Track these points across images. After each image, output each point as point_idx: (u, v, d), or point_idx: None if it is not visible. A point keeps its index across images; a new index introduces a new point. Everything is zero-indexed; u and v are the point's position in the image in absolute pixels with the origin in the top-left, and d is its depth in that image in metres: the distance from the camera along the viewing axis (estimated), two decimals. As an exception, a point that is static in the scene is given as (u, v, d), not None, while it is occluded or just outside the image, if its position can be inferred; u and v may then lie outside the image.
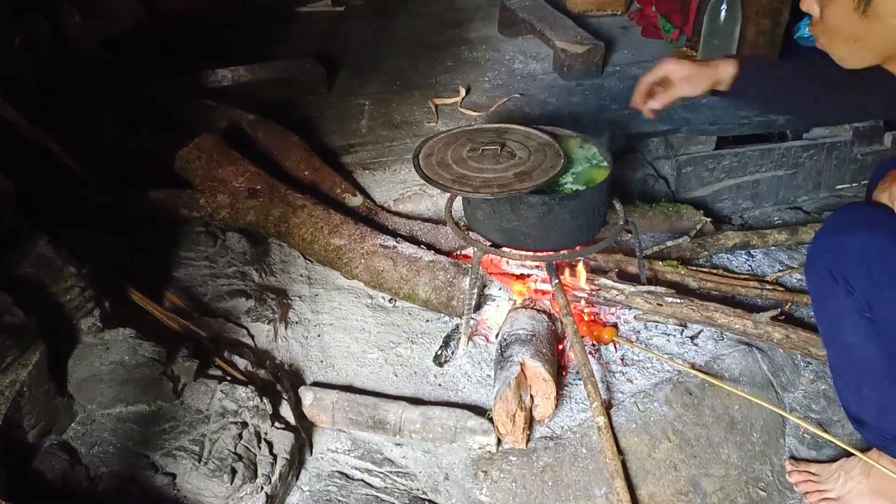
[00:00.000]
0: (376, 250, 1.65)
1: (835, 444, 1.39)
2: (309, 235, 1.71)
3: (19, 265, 1.26)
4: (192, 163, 1.81)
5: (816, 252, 1.22)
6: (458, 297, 1.59)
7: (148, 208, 1.75)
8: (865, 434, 1.25)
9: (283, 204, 1.74)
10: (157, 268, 1.61)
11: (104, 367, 1.27)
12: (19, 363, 1.15)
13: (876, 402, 1.20)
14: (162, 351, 1.31)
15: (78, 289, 1.29)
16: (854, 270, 1.13)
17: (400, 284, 1.64)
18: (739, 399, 1.45)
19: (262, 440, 1.27)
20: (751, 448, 1.43)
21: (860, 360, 1.20)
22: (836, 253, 1.16)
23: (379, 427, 1.39)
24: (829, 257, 1.17)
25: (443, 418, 1.37)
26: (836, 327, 1.22)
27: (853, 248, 1.13)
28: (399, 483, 1.34)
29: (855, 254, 1.12)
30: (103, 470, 1.19)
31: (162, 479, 1.19)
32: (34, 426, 1.18)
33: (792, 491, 1.39)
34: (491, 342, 1.59)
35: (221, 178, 1.78)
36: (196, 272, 1.63)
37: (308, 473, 1.34)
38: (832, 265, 1.16)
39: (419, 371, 1.54)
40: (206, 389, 1.32)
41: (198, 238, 1.71)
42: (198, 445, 1.23)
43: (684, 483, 1.34)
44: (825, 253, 1.18)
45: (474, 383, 1.51)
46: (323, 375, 1.53)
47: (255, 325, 1.54)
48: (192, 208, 1.76)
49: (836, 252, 1.15)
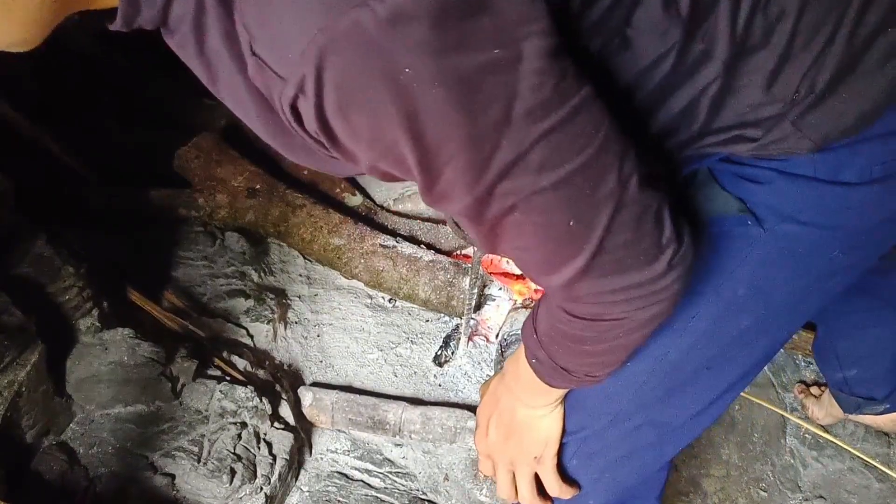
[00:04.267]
0: (376, 250, 1.65)
1: (836, 445, 1.39)
2: (308, 235, 1.70)
3: (18, 265, 1.25)
4: (190, 162, 1.80)
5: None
6: (458, 297, 1.58)
7: (146, 208, 1.75)
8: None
9: (283, 203, 1.73)
10: (156, 267, 1.61)
11: (103, 367, 1.26)
12: (17, 363, 1.14)
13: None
14: (161, 351, 1.30)
15: (76, 289, 1.29)
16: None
17: (400, 284, 1.63)
18: (740, 399, 1.45)
19: (262, 440, 1.27)
20: (751, 448, 1.42)
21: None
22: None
23: (378, 427, 1.38)
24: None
25: (443, 418, 1.37)
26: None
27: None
28: (399, 483, 1.33)
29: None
30: (102, 470, 1.19)
31: (161, 479, 1.19)
32: (32, 426, 1.18)
33: (793, 491, 1.39)
34: (491, 342, 1.58)
35: (220, 177, 1.78)
36: (195, 272, 1.62)
37: (307, 474, 1.34)
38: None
39: (419, 371, 1.54)
40: (205, 390, 1.31)
41: (196, 238, 1.70)
42: (197, 446, 1.23)
43: (685, 483, 1.34)
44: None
45: (474, 383, 1.51)
46: (322, 375, 1.52)
47: (255, 325, 1.54)
48: (191, 208, 1.76)
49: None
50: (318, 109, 0.47)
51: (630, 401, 0.82)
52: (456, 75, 0.45)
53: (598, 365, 0.74)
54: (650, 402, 0.82)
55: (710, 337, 0.77)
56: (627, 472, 0.90)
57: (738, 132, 0.64)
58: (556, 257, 0.59)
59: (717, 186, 0.73)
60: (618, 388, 0.81)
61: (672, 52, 0.58)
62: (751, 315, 0.76)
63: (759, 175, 0.70)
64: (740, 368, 0.81)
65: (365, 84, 0.45)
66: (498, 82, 0.46)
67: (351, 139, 0.50)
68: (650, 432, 0.85)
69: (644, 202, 0.57)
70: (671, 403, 0.82)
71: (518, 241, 0.58)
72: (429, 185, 0.52)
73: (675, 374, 0.79)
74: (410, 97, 0.45)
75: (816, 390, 1.48)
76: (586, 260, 0.57)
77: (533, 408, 0.85)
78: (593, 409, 0.85)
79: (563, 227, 0.55)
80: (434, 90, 0.45)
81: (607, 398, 0.83)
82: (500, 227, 0.56)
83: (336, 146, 0.51)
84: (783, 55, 0.59)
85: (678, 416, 0.84)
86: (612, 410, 0.83)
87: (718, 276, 0.74)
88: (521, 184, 0.51)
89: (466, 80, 0.45)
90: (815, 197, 0.68)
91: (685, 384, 0.81)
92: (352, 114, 0.47)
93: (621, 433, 0.85)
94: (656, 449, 0.87)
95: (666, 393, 0.81)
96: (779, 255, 0.72)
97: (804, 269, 0.73)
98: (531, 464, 0.89)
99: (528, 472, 0.90)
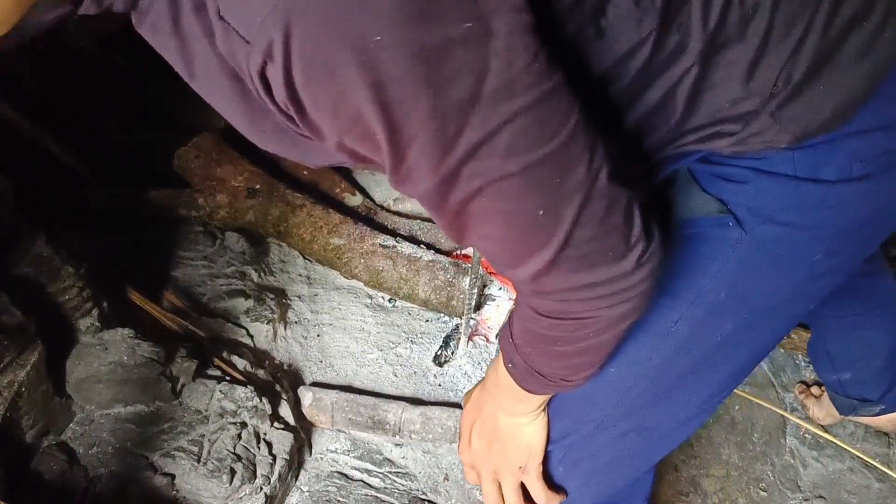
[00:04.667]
0: (376, 250, 1.65)
1: (836, 444, 1.39)
2: (308, 235, 1.70)
3: (18, 265, 1.25)
4: (190, 162, 1.80)
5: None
6: (457, 297, 1.58)
7: (146, 208, 1.74)
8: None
9: (283, 203, 1.73)
10: (156, 268, 1.61)
11: (103, 367, 1.26)
12: (17, 363, 1.14)
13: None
14: (160, 351, 1.30)
15: (76, 289, 1.29)
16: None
17: (399, 284, 1.63)
18: (740, 399, 1.45)
19: (262, 440, 1.26)
20: (751, 448, 1.42)
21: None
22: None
23: (378, 427, 1.38)
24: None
25: (443, 418, 1.37)
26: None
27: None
28: (399, 483, 1.33)
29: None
30: (102, 470, 1.19)
31: (161, 479, 1.19)
32: (32, 426, 1.18)
33: (793, 491, 1.39)
34: (491, 342, 1.58)
35: (220, 177, 1.78)
36: (195, 272, 1.62)
37: (307, 474, 1.34)
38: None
39: (419, 371, 1.54)
40: (205, 390, 1.31)
41: (196, 238, 1.70)
42: (196, 446, 1.23)
43: (685, 483, 1.34)
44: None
45: (474, 383, 1.50)
46: (322, 375, 1.52)
47: (254, 325, 1.54)
48: (191, 208, 1.76)
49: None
50: (287, 75, 0.46)
51: (615, 407, 0.81)
52: (423, 46, 0.44)
53: (573, 368, 0.72)
54: (636, 408, 0.81)
55: (693, 341, 0.76)
56: (615, 478, 0.89)
57: (717, 128, 0.63)
58: (522, 247, 0.57)
59: (696, 187, 0.72)
60: (602, 395, 0.80)
61: (647, 43, 0.57)
62: (734, 319, 0.75)
63: (738, 175, 0.69)
64: (726, 372, 0.80)
65: (332, 51, 0.44)
66: (466, 57, 0.45)
67: (318, 110, 0.48)
68: (637, 438, 0.84)
69: (613, 196, 0.56)
70: (658, 409, 0.82)
71: (484, 230, 0.57)
72: (395, 162, 0.50)
73: (660, 379, 0.78)
74: (377, 66, 0.44)
75: (817, 390, 1.48)
76: (553, 253, 0.56)
77: (515, 415, 0.84)
78: (578, 416, 0.84)
79: (529, 217, 0.54)
80: (401, 60, 0.44)
81: (592, 405, 0.82)
82: (466, 213, 0.55)
83: (304, 119, 0.50)
84: (760, 48, 0.58)
85: (665, 421, 0.83)
86: (597, 417, 0.82)
87: (700, 279, 0.73)
88: (487, 165, 0.50)
89: (434, 53, 0.44)
90: (795, 196, 0.67)
91: (671, 390, 0.80)
92: (319, 81, 0.46)
93: (607, 439, 0.84)
94: (643, 454, 0.87)
95: (652, 399, 0.80)
96: (760, 256, 0.71)
97: (786, 272, 0.72)
98: (516, 473, 0.87)
99: (513, 482, 0.88)
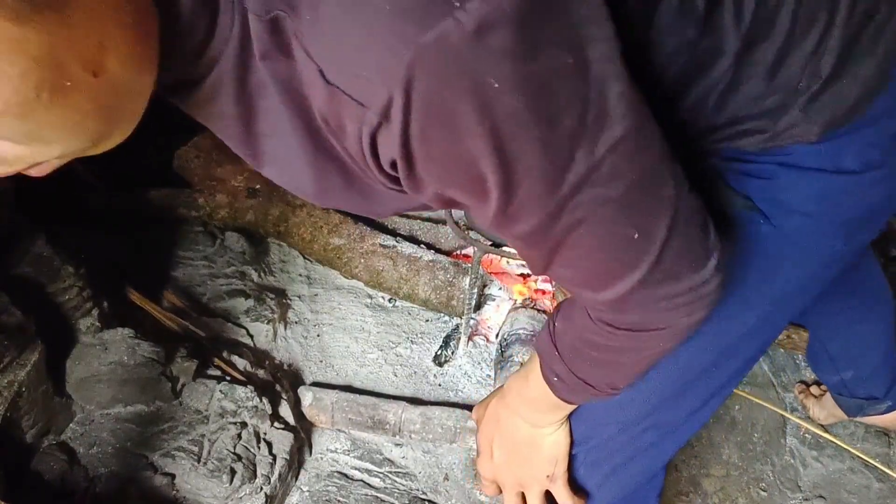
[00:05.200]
0: (376, 249, 1.65)
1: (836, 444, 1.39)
2: (308, 235, 1.70)
3: (18, 265, 1.25)
4: (190, 161, 1.80)
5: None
6: (458, 297, 1.58)
7: (146, 208, 1.74)
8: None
9: (283, 203, 1.73)
10: (156, 267, 1.61)
11: (103, 367, 1.26)
12: (17, 363, 1.14)
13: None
14: (161, 351, 1.30)
15: (76, 288, 1.29)
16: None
17: (400, 284, 1.63)
18: (740, 399, 1.45)
19: (262, 440, 1.26)
20: (752, 448, 1.42)
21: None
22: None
23: (378, 427, 1.38)
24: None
25: (443, 418, 1.37)
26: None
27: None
28: (399, 483, 1.33)
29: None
30: (102, 470, 1.19)
31: (161, 479, 1.19)
32: (32, 426, 1.18)
33: (793, 491, 1.39)
34: (491, 342, 1.58)
35: (220, 177, 1.78)
36: (195, 272, 1.62)
37: (307, 474, 1.34)
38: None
39: (419, 371, 1.54)
40: (205, 389, 1.31)
41: (196, 238, 1.70)
42: (197, 446, 1.23)
43: (685, 483, 1.34)
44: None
45: (474, 383, 1.51)
46: (322, 375, 1.52)
47: (255, 324, 1.54)
48: (191, 208, 1.76)
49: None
50: (404, 133, 0.44)
51: (641, 406, 0.81)
52: (536, 81, 0.43)
53: (625, 377, 0.72)
54: (658, 405, 0.81)
55: (718, 336, 0.76)
56: (631, 475, 0.89)
57: (744, 126, 0.64)
58: (613, 270, 0.57)
59: (722, 185, 0.72)
60: (630, 396, 0.80)
61: (688, 49, 0.58)
62: (758, 311, 0.76)
63: (762, 171, 0.69)
64: (741, 361, 0.81)
65: (453, 101, 0.43)
66: (573, 87, 0.45)
67: (430, 163, 0.47)
68: (653, 433, 0.84)
69: (693, 208, 0.57)
70: (676, 403, 0.82)
71: (574, 259, 0.56)
72: (503, 204, 0.49)
73: (684, 375, 0.79)
74: (494, 110, 0.43)
75: (817, 390, 1.48)
76: (644, 273, 0.56)
77: (540, 426, 0.84)
78: (603, 419, 0.84)
79: (623, 240, 0.54)
80: (517, 99, 0.43)
81: (619, 407, 0.81)
82: (563, 244, 0.54)
83: (411, 174, 0.48)
84: (784, 45, 0.59)
85: (679, 415, 0.83)
86: (623, 418, 0.83)
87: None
88: (591, 195, 0.50)
89: (546, 86, 0.44)
90: (819, 188, 0.68)
91: (691, 383, 0.80)
92: (436, 134, 0.45)
93: (627, 438, 0.84)
94: (658, 449, 0.87)
95: (673, 395, 0.80)
96: (786, 249, 0.71)
97: (808, 261, 0.73)
98: (543, 482, 0.87)
99: (539, 492, 0.88)
